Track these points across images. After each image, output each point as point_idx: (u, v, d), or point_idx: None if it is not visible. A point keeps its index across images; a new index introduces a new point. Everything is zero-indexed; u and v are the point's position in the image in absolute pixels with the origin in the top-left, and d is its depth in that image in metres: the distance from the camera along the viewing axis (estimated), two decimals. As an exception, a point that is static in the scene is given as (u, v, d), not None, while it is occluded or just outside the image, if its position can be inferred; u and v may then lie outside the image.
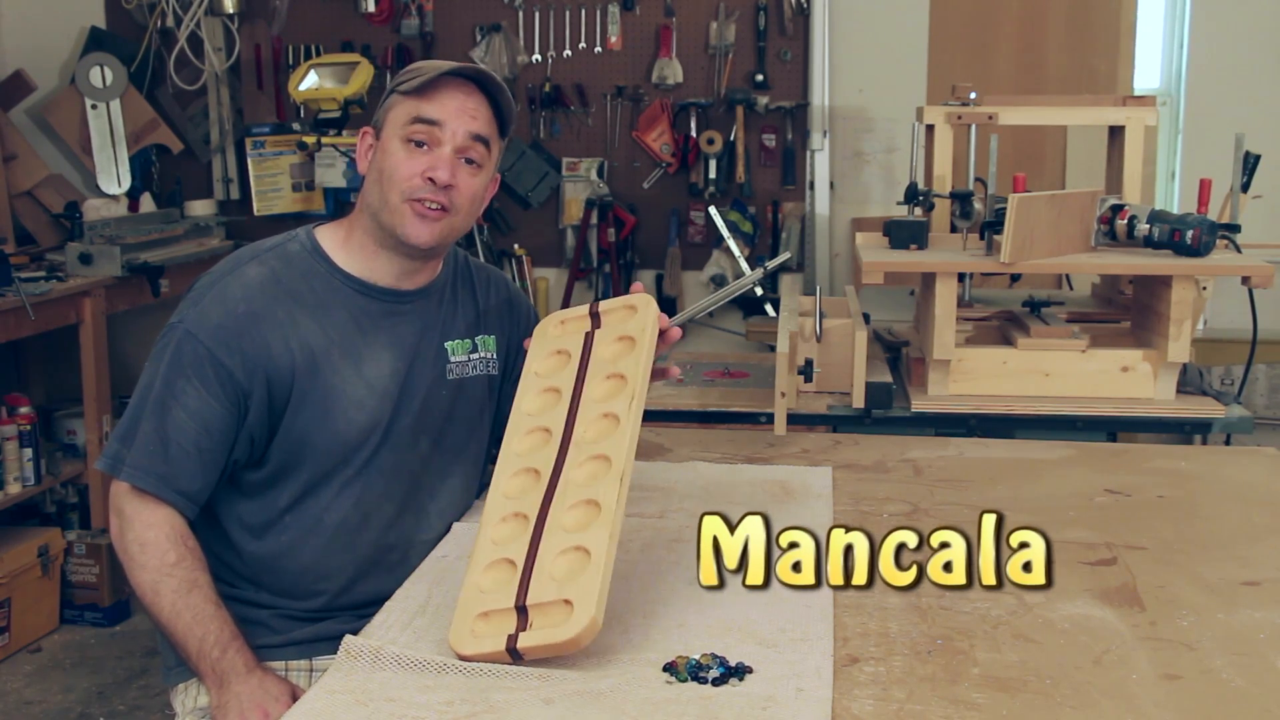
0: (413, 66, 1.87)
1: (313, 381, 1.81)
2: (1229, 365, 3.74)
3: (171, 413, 1.76)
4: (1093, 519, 1.97)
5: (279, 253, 1.87)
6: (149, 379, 1.80)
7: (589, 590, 1.44)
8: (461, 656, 1.45)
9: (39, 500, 3.99)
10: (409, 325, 1.90)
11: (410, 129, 1.81)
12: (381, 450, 1.86)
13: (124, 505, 1.77)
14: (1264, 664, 1.47)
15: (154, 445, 1.76)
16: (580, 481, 1.59)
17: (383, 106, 1.86)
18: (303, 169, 4.36)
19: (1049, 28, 4.21)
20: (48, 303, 3.67)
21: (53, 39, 4.61)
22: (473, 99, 1.84)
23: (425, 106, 1.81)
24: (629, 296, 1.81)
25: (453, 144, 1.81)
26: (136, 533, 1.76)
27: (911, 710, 1.35)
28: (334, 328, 1.84)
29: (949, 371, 2.74)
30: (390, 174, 1.81)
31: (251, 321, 1.79)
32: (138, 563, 1.76)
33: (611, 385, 1.69)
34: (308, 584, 1.87)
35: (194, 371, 1.77)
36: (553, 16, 4.42)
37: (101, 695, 3.46)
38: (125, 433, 1.79)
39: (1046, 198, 2.70)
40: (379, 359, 1.86)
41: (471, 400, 1.97)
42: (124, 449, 1.77)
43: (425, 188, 1.81)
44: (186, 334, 1.78)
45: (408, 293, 1.90)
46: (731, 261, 4.17)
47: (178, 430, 1.76)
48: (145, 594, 1.76)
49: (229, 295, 1.80)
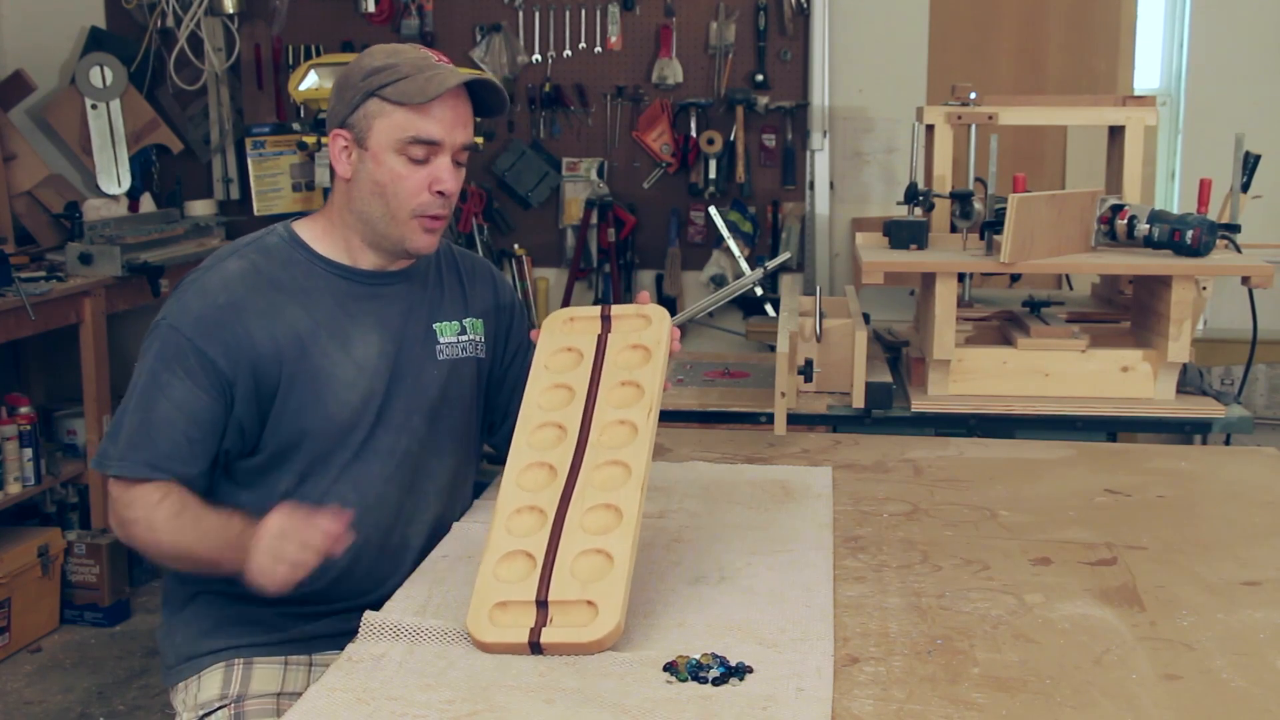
0: (389, 61, 1.81)
1: (301, 366, 1.82)
2: (1229, 365, 3.74)
3: (157, 405, 1.77)
4: (1093, 519, 1.98)
5: (257, 246, 1.89)
6: (136, 375, 1.82)
7: (614, 595, 1.49)
8: (480, 644, 1.48)
9: (39, 500, 3.99)
10: (394, 306, 1.91)
11: (409, 147, 1.80)
12: (377, 431, 1.87)
13: (119, 496, 1.80)
14: (1264, 664, 1.47)
15: (140, 437, 1.78)
16: (599, 484, 1.62)
17: (360, 109, 1.80)
18: (303, 169, 4.36)
19: (1049, 28, 4.21)
20: (48, 303, 3.67)
21: (53, 39, 4.61)
22: (462, 103, 1.84)
23: (423, 125, 1.79)
24: (641, 305, 1.84)
25: (451, 154, 1.83)
26: (136, 513, 1.78)
27: (911, 710, 1.35)
28: (319, 311, 1.85)
29: (949, 371, 2.74)
30: (395, 191, 1.82)
31: (232, 312, 1.80)
32: (129, 527, 1.79)
33: (627, 393, 1.73)
34: (313, 582, 1.87)
35: (178, 363, 1.78)
36: (553, 16, 4.41)
37: (101, 695, 3.46)
38: (113, 430, 1.81)
39: (1046, 198, 2.70)
40: (367, 339, 1.87)
41: (463, 381, 1.98)
42: (111, 445, 1.80)
43: (434, 202, 1.83)
44: (169, 328, 1.80)
45: (390, 274, 1.92)
46: (731, 261, 4.17)
47: (164, 422, 1.77)
48: (146, 540, 1.78)
49: (209, 288, 1.82)
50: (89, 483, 3.98)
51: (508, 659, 1.46)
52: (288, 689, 1.85)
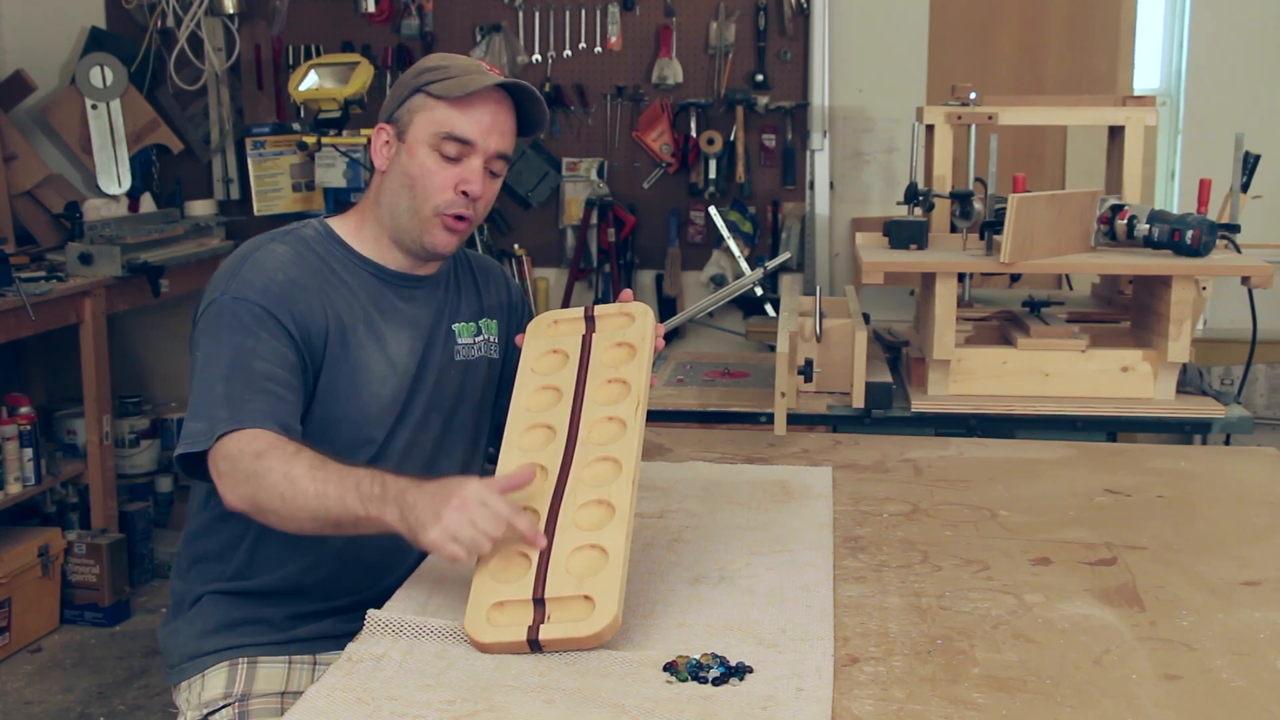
0: (441, 63, 1.85)
1: (343, 352, 1.82)
2: (1229, 365, 3.74)
3: (252, 366, 1.71)
4: (1093, 519, 1.98)
5: (295, 236, 1.89)
6: (209, 353, 1.73)
7: (610, 588, 1.49)
8: (479, 645, 1.48)
9: (39, 500, 3.99)
10: (423, 308, 1.93)
11: (443, 143, 1.81)
12: (397, 429, 1.88)
13: (238, 455, 1.63)
14: (1264, 664, 1.47)
15: (248, 393, 1.68)
16: (590, 481, 1.63)
17: (406, 104, 1.84)
18: (303, 169, 4.36)
19: (1049, 28, 4.21)
20: (48, 303, 3.67)
21: (53, 39, 4.61)
22: (503, 111, 1.85)
23: (459, 122, 1.81)
24: (624, 304, 1.85)
25: (483, 158, 1.84)
26: (247, 462, 1.62)
27: (911, 710, 1.35)
28: (357, 304, 1.86)
29: (949, 371, 2.74)
30: (423, 185, 1.83)
31: (292, 287, 1.79)
32: (261, 479, 1.60)
33: (614, 390, 1.73)
34: (315, 572, 1.88)
35: (259, 326, 1.74)
36: (553, 16, 4.41)
37: (101, 695, 3.46)
38: (201, 406, 1.69)
39: (1046, 198, 2.70)
40: (399, 337, 1.88)
41: (477, 381, 1.99)
42: (206, 417, 1.67)
43: (459, 202, 1.83)
44: (235, 299, 1.76)
45: (419, 278, 1.94)
46: (731, 261, 4.17)
47: (265, 376, 1.70)
48: (284, 492, 1.59)
49: (264, 266, 1.80)
50: (89, 483, 3.98)
51: (507, 659, 1.46)
52: (291, 688, 1.85)
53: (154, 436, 4.45)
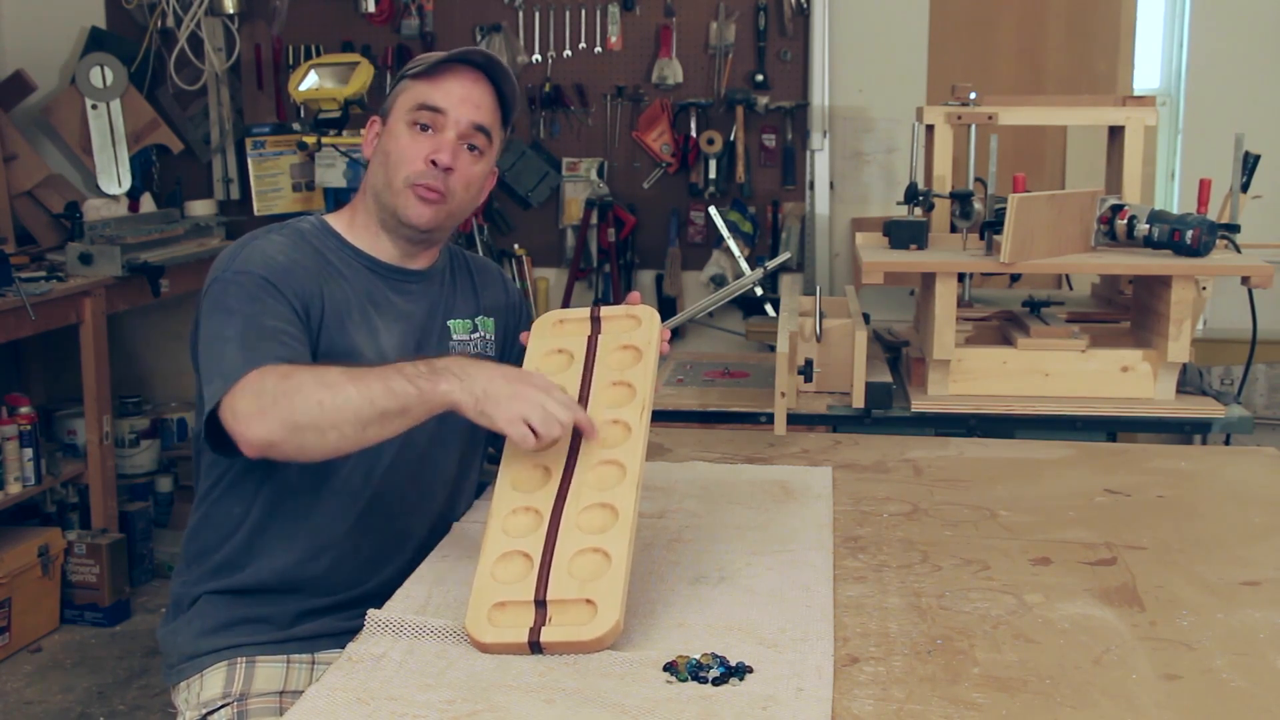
0: (424, 55, 1.93)
1: (337, 337, 1.84)
2: (1229, 365, 3.74)
3: (262, 323, 1.71)
4: (1093, 519, 1.98)
5: (292, 228, 1.92)
6: (218, 322, 1.72)
7: (612, 592, 1.49)
8: (480, 645, 1.48)
9: (39, 500, 4.00)
10: (416, 303, 1.95)
11: (415, 114, 1.86)
12: None
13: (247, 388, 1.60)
14: (1264, 664, 1.47)
15: (264, 341, 1.67)
16: (594, 484, 1.62)
17: (392, 93, 1.92)
18: (303, 169, 4.36)
19: (1049, 28, 4.21)
20: (48, 303, 3.67)
21: (53, 39, 4.61)
22: (478, 87, 1.89)
23: (431, 93, 1.87)
24: (630, 306, 1.85)
25: (456, 130, 1.87)
26: (273, 383, 1.59)
27: (911, 710, 1.35)
28: (351, 294, 1.88)
29: (949, 371, 2.74)
30: (395, 157, 1.87)
31: (292, 267, 1.81)
32: (294, 394, 1.57)
33: (619, 393, 1.73)
34: (313, 564, 1.88)
35: (263, 293, 1.75)
36: (553, 16, 4.42)
37: (101, 695, 3.46)
38: (217, 365, 1.67)
39: (1046, 198, 2.70)
40: (390, 329, 1.90)
41: None
42: (214, 382, 1.65)
43: (429, 172, 1.86)
44: (238, 272, 1.77)
45: (413, 272, 1.95)
46: (731, 261, 4.17)
47: (277, 331, 1.71)
48: (321, 398, 1.56)
49: (265, 250, 1.83)
50: (89, 483, 3.98)
51: (508, 659, 1.46)
52: (290, 688, 1.85)
53: (154, 436, 4.45)
